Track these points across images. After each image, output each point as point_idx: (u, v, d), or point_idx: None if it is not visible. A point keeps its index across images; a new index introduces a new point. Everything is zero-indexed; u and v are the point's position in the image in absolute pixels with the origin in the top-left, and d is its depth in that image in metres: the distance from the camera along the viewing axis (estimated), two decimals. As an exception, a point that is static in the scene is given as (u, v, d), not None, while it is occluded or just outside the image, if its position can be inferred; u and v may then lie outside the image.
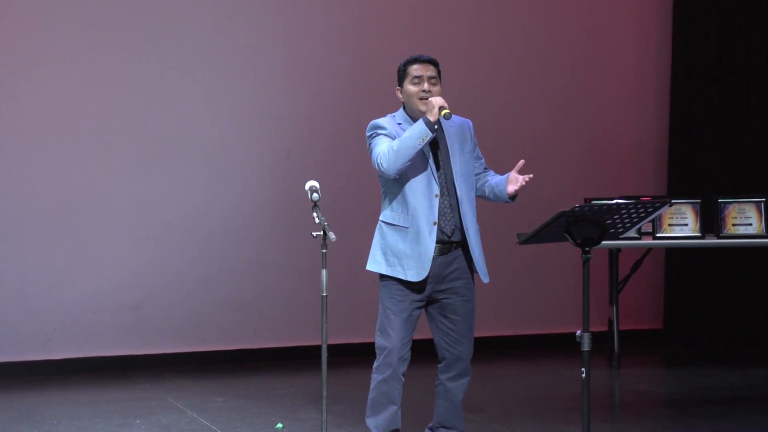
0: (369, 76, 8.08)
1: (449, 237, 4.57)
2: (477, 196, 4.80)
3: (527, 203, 8.42)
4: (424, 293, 4.59)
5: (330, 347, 4.45)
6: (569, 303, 8.58)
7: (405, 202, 4.55)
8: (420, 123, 4.47)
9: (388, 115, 4.69)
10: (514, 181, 4.65)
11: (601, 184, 8.57)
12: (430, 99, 4.53)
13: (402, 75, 4.68)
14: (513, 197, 4.67)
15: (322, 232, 4.34)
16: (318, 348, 4.47)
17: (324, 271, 4.38)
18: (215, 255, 7.82)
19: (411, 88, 4.62)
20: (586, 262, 4.32)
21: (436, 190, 4.55)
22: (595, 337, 4.50)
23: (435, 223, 4.53)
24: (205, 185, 7.82)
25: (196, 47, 7.80)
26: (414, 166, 4.52)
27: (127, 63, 7.62)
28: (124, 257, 7.62)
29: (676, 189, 8.69)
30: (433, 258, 4.55)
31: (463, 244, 4.63)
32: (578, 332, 4.34)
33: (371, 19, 8.19)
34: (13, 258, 7.41)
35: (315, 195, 4.42)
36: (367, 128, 4.66)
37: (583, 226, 4.29)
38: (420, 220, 4.53)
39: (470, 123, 4.80)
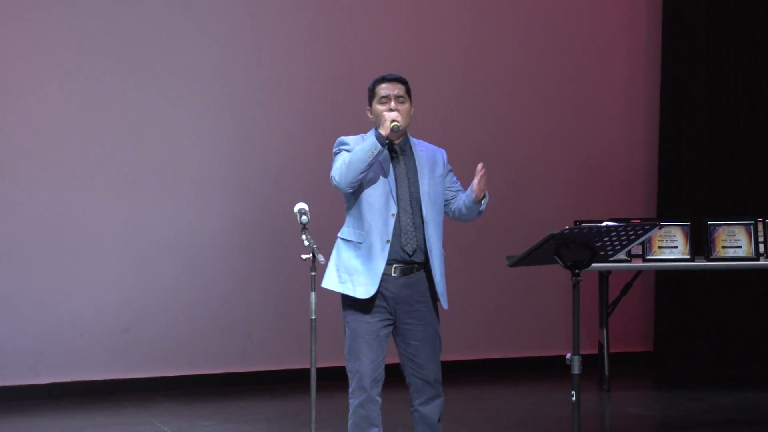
0: (360, 97, 8.07)
1: (410, 256, 4.57)
2: (456, 218, 4.79)
3: (516, 225, 8.46)
4: (388, 311, 4.58)
5: (319, 371, 4.44)
6: (559, 326, 8.58)
7: (361, 218, 4.56)
8: (371, 137, 4.50)
9: (360, 134, 4.71)
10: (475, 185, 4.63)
11: (591, 206, 8.59)
12: (383, 113, 4.55)
13: (371, 95, 4.70)
14: (480, 201, 4.65)
15: (311, 255, 4.34)
16: (307, 371, 4.46)
17: (313, 294, 4.37)
18: (204, 278, 7.81)
19: (379, 107, 4.64)
20: (575, 285, 4.32)
21: (394, 209, 4.56)
22: (585, 360, 4.49)
23: (388, 241, 4.53)
24: (194, 208, 7.81)
25: (184, 70, 7.80)
26: (374, 184, 4.55)
27: (114, 86, 7.63)
28: (111, 280, 7.60)
29: (666, 211, 8.71)
30: (394, 278, 4.54)
31: (426, 267, 4.62)
32: (568, 355, 4.34)
33: (360, 39, 8.21)
34: (0, 280, 7.38)
35: (304, 217, 4.42)
36: (334, 144, 4.70)
37: (572, 248, 4.30)
38: (373, 236, 4.53)
39: (444, 152, 4.81)
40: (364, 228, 4.55)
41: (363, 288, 4.51)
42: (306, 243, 4.34)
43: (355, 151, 4.49)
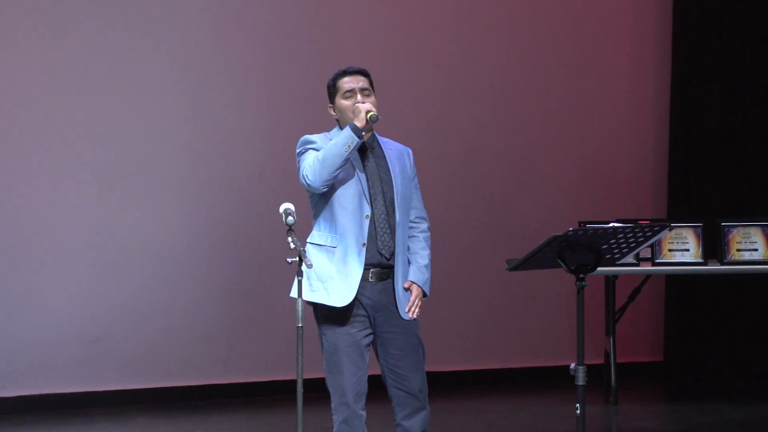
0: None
1: (388, 260, 4.60)
2: None
3: (517, 227, 8.48)
4: (368, 320, 4.60)
5: (306, 382, 4.45)
6: (563, 334, 8.59)
7: (334, 221, 4.58)
8: (346, 130, 4.51)
9: (323, 133, 4.73)
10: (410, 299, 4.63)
11: (596, 206, 8.61)
12: (356, 104, 4.57)
13: (333, 91, 4.71)
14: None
15: (297, 258, 4.34)
16: (293, 383, 4.48)
17: (299, 300, 4.38)
18: (181, 283, 7.80)
19: (344, 102, 4.66)
20: (580, 290, 4.34)
21: (367, 210, 4.58)
22: (591, 371, 4.51)
23: (364, 245, 4.55)
24: (170, 209, 7.81)
25: (159, 65, 7.80)
26: (346, 184, 4.56)
27: (84, 77, 7.62)
28: (81, 286, 7.59)
29: (677, 212, 8.72)
30: (371, 284, 4.56)
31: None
32: (572, 365, 4.36)
33: (345, 33, 8.20)
34: (-37, 287, 7.38)
35: (290, 218, 4.42)
36: (297, 144, 4.69)
37: (577, 251, 4.32)
38: (349, 239, 4.55)
39: (410, 151, 4.83)
40: (337, 231, 4.57)
41: (339, 295, 4.54)
42: (292, 245, 4.34)
43: (329, 146, 4.51)
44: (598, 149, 8.85)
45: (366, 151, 4.64)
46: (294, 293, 4.48)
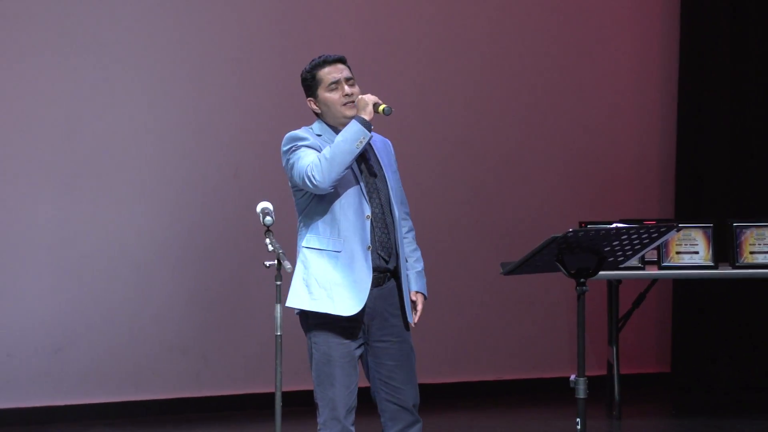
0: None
1: (387, 262, 4.59)
2: None
3: (513, 227, 8.48)
4: (362, 329, 4.59)
5: (285, 395, 4.45)
6: (562, 343, 8.61)
7: (335, 224, 4.55)
8: (354, 124, 4.48)
9: (303, 127, 4.70)
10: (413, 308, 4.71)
11: (599, 205, 8.62)
12: (360, 97, 4.56)
13: (312, 83, 4.67)
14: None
15: (276, 262, 4.34)
16: (271, 396, 4.47)
17: (278, 307, 4.37)
18: (150, 289, 7.79)
19: (330, 95, 4.63)
20: (581, 296, 4.34)
21: (368, 210, 4.57)
22: (592, 383, 4.52)
23: (369, 248, 4.55)
24: (138, 210, 7.79)
25: (131, 53, 7.79)
26: (345, 183, 4.54)
27: (49, 68, 7.61)
28: (42, 292, 7.58)
29: (685, 211, 8.74)
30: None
31: (395, 274, 4.64)
32: (572, 377, 4.36)
33: (323, 22, 8.18)
34: None
35: (268, 219, 4.42)
36: (284, 141, 4.65)
37: (577, 253, 4.32)
38: (354, 243, 4.53)
39: (389, 141, 4.83)
40: (340, 234, 4.55)
41: (346, 303, 4.51)
42: (270, 248, 4.34)
43: (336, 143, 4.47)
44: (600, 144, 8.85)
45: None
46: (292, 303, 4.50)
